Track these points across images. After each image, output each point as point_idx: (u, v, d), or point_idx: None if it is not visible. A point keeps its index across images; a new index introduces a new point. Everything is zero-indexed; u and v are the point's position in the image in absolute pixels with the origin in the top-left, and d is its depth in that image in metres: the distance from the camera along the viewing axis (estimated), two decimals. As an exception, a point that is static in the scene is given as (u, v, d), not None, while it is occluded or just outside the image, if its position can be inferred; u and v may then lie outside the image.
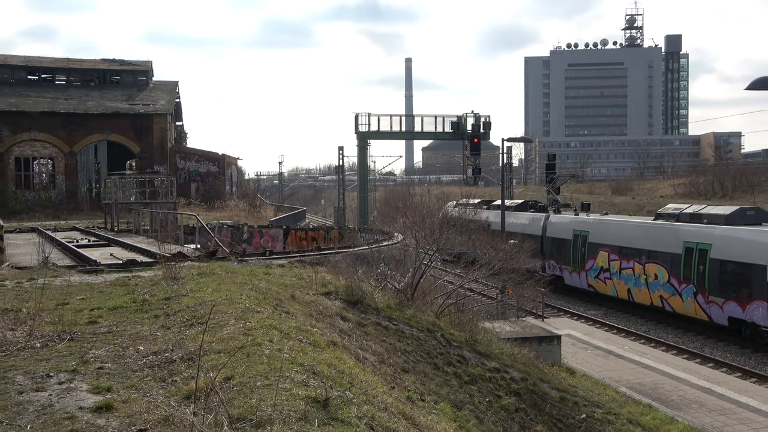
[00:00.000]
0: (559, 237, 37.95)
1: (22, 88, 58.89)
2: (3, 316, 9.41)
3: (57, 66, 63.32)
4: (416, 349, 13.37)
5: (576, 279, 35.87)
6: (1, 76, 59.42)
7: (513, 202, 47.68)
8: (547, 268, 37.44)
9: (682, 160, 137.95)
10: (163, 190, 38.52)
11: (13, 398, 6.03)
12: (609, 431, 13.31)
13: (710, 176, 75.45)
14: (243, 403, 5.34)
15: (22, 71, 61.16)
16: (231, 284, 12.23)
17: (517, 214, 43.39)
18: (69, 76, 62.67)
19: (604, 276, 33.40)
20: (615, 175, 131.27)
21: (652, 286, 29.60)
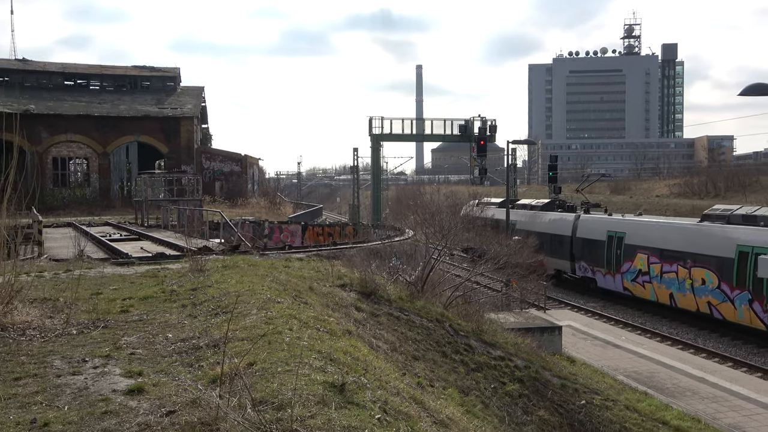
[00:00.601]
0: (591, 238, 34.31)
1: (59, 93, 59.25)
2: (42, 305, 9.46)
3: (91, 72, 63.69)
4: (426, 338, 13.36)
5: (610, 282, 32.35)
6: (40, 82, 59.82)
7: (539, 201, 44.52)
8: (578, 270, 35.21)
9: (677, 161, 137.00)
10: (190, 188, 38.64)
11: (52, 381, 6.07)
12: (607, 416, 13.24)
13: (704, 177, 74.92)
14: (265, 387, 5.35)
15: (60, 77, 61.55)
16: (253, 276, 12.23)
17: (543, 213, 40.31)
18: (102, 82, 63.00)
19: (642, 279, 30.15)
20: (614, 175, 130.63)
21: (699, 291, 26.29)
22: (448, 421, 7.11)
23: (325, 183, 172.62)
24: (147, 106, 58.88)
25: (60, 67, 63.59)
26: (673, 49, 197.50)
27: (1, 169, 9.13)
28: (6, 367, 6.55)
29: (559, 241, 36.32)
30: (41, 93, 57.66)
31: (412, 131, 58.10)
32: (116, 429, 4.81)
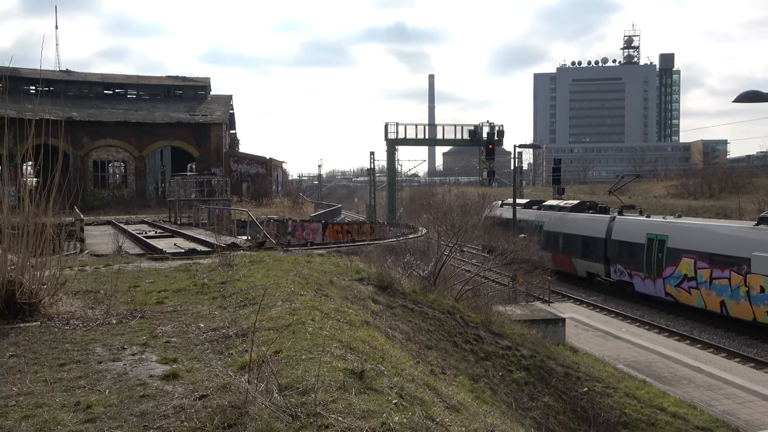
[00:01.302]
0: (628, 240, 30.64)
1: (99, 102, 59.72)
2: (84, 297, 9.53)
3: (129, 82, 64.13)
4: (438, 329, 13.34)
5: (650, 286, 28.73)
6: (82, 91, 60.33)
7: (568, 202, 40.47)
8: (613, 273, 31.61)
9: (674, 164, 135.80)
10: (219, 189, 38.78)
11: (94, 367, 6.12)
12: (608, 403, 13.16)
13: (699, 179, 74.15)
14: (290, 373, 5.35)
15: (99, 87, 62.04)
16: (278, 271, 12.26)
17: (573, 215, 36.63)
18: (139, 91, 63.42)
19: (688, 285, 26.61)
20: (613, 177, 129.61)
21: (757, 300, 22.97)
22: (459, 406, 7.09)
23: (343, 184, 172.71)
24: (180, 113, 59.18)
25: (100, 77, 64.08)
26: (670, 59, 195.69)
27: (48, 171, 9.20)
28: (52, 353, 6.61)
29: (592, 243, 33.17)
30: (83, 101, 58.15)
31: (424, 136, 58.30)
32: (153, 411, 4.84)
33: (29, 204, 8.61)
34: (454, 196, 57.26)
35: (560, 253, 36.34)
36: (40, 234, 8.52)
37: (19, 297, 7.90)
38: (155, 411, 4.84)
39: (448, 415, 5.92)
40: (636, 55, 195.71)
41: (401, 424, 4.42)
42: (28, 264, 8.14)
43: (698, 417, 13.64)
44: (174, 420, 4.64)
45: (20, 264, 8.05)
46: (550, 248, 36.56)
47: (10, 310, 7.82)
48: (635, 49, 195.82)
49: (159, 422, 4.62)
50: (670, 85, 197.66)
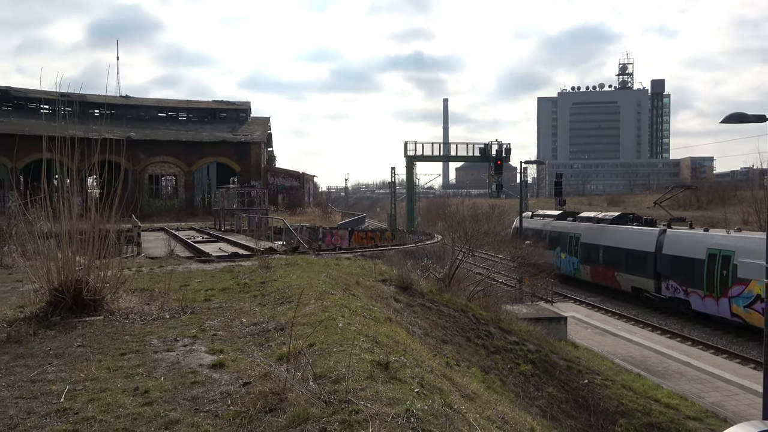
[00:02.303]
0: (684, 255, 25.92)
1: (154, 123, 60.48)
2: (141, 294, 9.61)
3: (180, 106, 64.88)
4: (453, 325, 13.24)
5: (712, 306, 23.97)
6: (139, 114, 61.15)
7: (607, 214, 36.01)
8: (664, 289, 26.94)
9: (664, 179, 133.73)
10: (258, 200, 39.00)
11: (150, 356, 6.16)
12: (607, 394, 12.94)
13: (688, 192, 73.00)
14: (323, 364, 5.33)
15: (154, 110, 62.83)
16: (311, 272, 12.26)
17: (615, 227, 31.96)
18: (188, 114, 64.10)
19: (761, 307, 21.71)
20: (610, 191, 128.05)
21: None
22: (473, 395, 7.02)
23: (367, 195, 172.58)
24: (224, 133, 59.70)
25: (155, 102, 64.93)
26: (660, 84, 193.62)
27: (110, 184, 9.31)
28: (114, 344, 6.67)
29: (639, 257, 28.62)
30: (140, 123, 58.93)
31: (439, 153, 58.71)
32: (203, 396, 4.85)
33: (95, 212, 8.71)
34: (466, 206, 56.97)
35: (600, 266, 32.02)
36: (103, 239, 8.60)
37: (85, 294, 7.98)
38: (204, 396, 4.85)
39: (464, 403, 5.86)
40: (630, 81, 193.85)
41: (423, 411, 4.38)
42: (93, 265, 8.22)
43: (689, 408, 13.37)
44: (221, 404, 4.65)
45: (86, 265, 8.14)
46: (589, 261, 32.99)
47: (77, 305, 7.90)
48: (629, 76, 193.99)
49: (208, 406, 4.63)
50: (660, 107, 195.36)
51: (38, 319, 7.61)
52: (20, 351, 6.36)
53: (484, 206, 54.89)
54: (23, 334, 7.00)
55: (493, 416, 6.28)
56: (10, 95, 56.11)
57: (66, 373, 5.57)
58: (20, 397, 4.97)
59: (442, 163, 76.71)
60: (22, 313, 7.92)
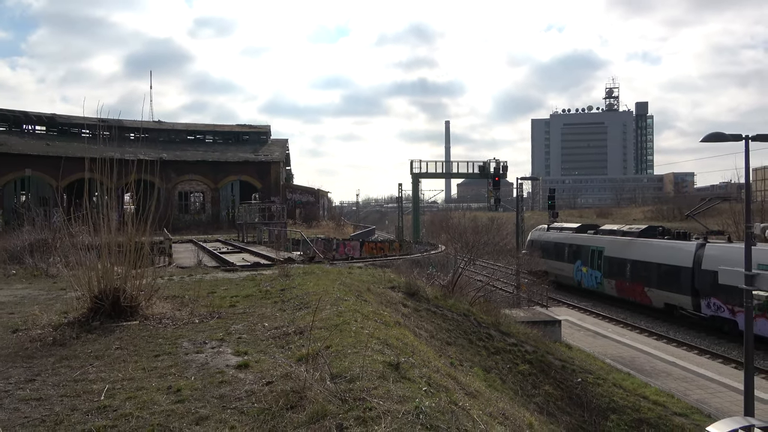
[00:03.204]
0: None
1: (183, 145, 60.94)
2: (173, 300, 9.62)
3: (206, 129, 65.35)
4: (456, 328, 13.16)
5: (763, 327, 20.26)
6: (170, 137, 61.64)
7: (633, 227, 32.17)
8: (705, 307, 23.40)
9: (649, 193, 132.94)
10: (277, 214, 39.14)
11: (182, 358, 6.17)
12: (599, 391, 12.80)
13: (671, 205, 72.62)
14: (339, 364, 5.32)
15: (183, 134, 63.32)
16: (326, 280, 12.24)
17: (644, 241, 28.12)
18: (214, 136, 64.54)
19: None
20: (598, 204, 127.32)
21: None
22: (476, 393, 6.97)
23: (376, 209, 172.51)
24: (246, 154, 60.06)
25: (184, 126, 65.46)
26: (644, 106, 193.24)
27: (144, 201, 9.37)
28: (148, 346, 6.68)
29: (674, 272, 25.11)
30: (171, 145, 59.40)
31: (442, 170, 59.05)
32: (230, 394, 4.85)
33: (131, 226, 8.76)
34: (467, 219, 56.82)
35: (627, 281, 28.39)
36: (138, 250, 8.65)
37: (122, 301, 8.01)
38: (231, 394, 4.86)
39: (468, 400, 5.82)
40: (616, 104, 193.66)
41: (431, 408, 4.36)
42: (129, 274, 8.26)
43: (676, 404, 13.19)
44: (246, 402, 4.65)
45: (124, 275, 8.18)
46: (614, 275, 29.44)
47: (115, 311, 7.93)
48: (615, 99, 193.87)
49: (235, 403, 4.63)
50: (644, 127, 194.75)
51: (80, 323, 7.65)
52: (64, 353, 6.39)
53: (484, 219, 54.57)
54: (67, 337, 7.04)
55: (494, 412, 6.23)
56: (55, 121, 56.82)
57: (105, 373, 5.59)
58: (65, 395, 4.99)
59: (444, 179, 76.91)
60: (66, 318, 7.96)
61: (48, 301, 10.23)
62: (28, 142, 51.93)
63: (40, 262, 15.76)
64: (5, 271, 15.27)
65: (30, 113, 56.53)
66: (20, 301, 10.52)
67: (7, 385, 5.32)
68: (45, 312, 8.31)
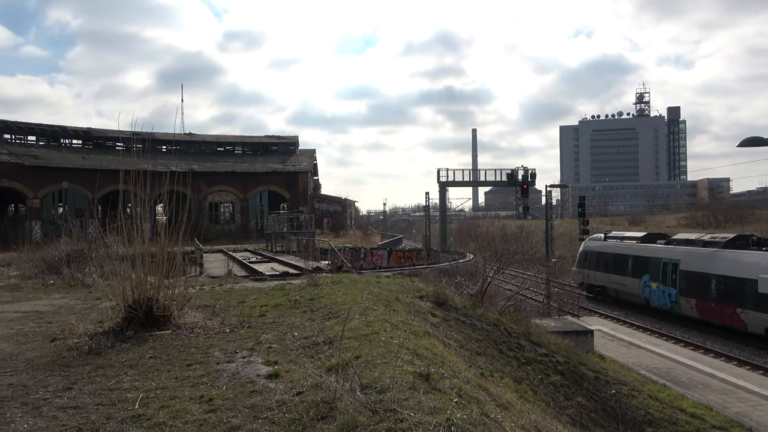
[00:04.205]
0: None
1: (213, 156, 62.04)
2: (204, 310, 9.71)
3: (236, 141, 66.41)
4: (485, 338, 12.99)
5: None
6: (201, 149, 62.84)
7: (715, 236, 27.87)
8: None
9: (682, 199, 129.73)
10: (305, 224, 39.42)
11: (213, 367, 6.21)
12: (634, 404, 12.47)
13: (706, 211, 70.69)
14: (369, 375, 5.27)
15: (214, 145, 64.49)
16: (354, 290, 12.21)
17: (736, 253, 23.87)
18: (243, 148, 65.56)
19: None
20: (630, 211, 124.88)
21: None
22: (507, 405, 6.84)
23: (403, 218, 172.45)
24: (275, 165, 60.81)
25: (214, 138, 66.66)
26: (676, 111, 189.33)
27: (176, 211, 9.52)
28: (181, 356, 6.75)
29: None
30: (201, 157, 60.53)
31: (470, 179, 58.82)
32: (261, 404, 4.86)
33: (164, 237, 8.90)
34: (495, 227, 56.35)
35: (712, 301, 24.57)
36: (171, 260, 8.76)
37: (156, 310, 8.12)
38: (262, 404, 4.87)
39: (500, 412, 5.72)
40: (647, 109, 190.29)
41: (462, 420, 4.29)
42: (162, 284, 8.38)
43: (715, 417, 12.75)
44: (277, 412, 4.65)
45: (157, 284, 8.30)
46: (694, 293, 25.73)
47: (148, 320, 8.05)
48: (646, 104, 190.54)
49: (266, 413, 4.64)
50: (677, 132, 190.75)
51: (115, 333, 7.79)
52: (100, 362, 6.51)
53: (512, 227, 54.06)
54: (102, 346, 7.17)
55: (527, 425, 6.11)
56: (91, 135, 58.52)
57: (139, 382, 5.68)
58: (100, 404, 5.08)
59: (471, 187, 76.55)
60: (101, 327, 8.11)
61: (84, 310, 10.46)
62: (65, 156, 53.58)
63: (77, 272, 16.15)
64: (44, 281, 15.70)
65: (67, 128, 58.36)
66: (58, 310, 10.79)
67: (45, 393, 5.44)
68: (81, 321, 8.48)
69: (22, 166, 47.76)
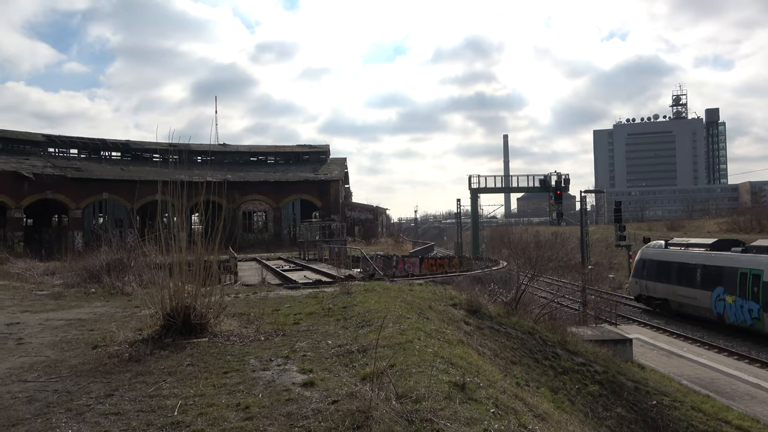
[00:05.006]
0: None
1: (246, 166, 63.06)
2: (239, 318, 9.81)
3: (268, 151, 67.38)
4: (520, 347, 12.78)
5: None
6: (234, 159, 63.96)
7: None
8: None
9: (723, 204, 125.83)
10: (337, 232, 39.58)
11: (249, 375, 6.25)
12: (676, 415, 12.07)
13: (749, 215, 68.19)
14: (404, 384, 5.24)
15: (247, 155, 65.55)
16: (387, 298, 12.18)
17: None
18: (276, 157, 66.43)
19: None
20: (668, 216, 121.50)
21: None
22: (545, 415, 6.71)
23: (434, 225, 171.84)
24: (306, 174, 61.41)
25: (247, 148, 67.78)
26: (715, 113, 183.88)
27: (211, 221, 9.65)
28: (217, 363, 6.83)
29: None
30: (235, 166, 61.59)
31: (501, 185, 58.33)
32: (297, 413, 4.87)
33: (200, 246, 9.03)
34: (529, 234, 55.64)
35: None
36: (207, 269, 8.88)
37: (193, 318, 8.23)
38: (298, 412, 4.87)
39: (537, 423, 5.61)
40: (684, 111, 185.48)
41: (500, 431, 4.22)
42: (199, 292, 8.50)
43: (762, 430, 12.25)
44: (313, 420, 4.65)
45: (194, 293, 8.43)
46: None
47: (186, 328, 8.17)
48: (683, 106, 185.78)
49: (302, 422, 4.64)
50: (716, 135, 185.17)
51: (154, 340, 7.93)
52: (139, 369, 6.64)
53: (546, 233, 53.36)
54: (142, 353, 7.31)
55: (565, 436, 5.98)
56: (129, 147, 60.26)
57: (178, 389, 5.76)
58: (141, 410, 5.18)
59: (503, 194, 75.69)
60: (140, 335, 8.28)
61: (124, 318, 10.71)
62: (105, 168, 55.25)
63: (116, 281, 16.57)
64: (86, 290, 16.16)
65: (107, 140, 60.23)
66: (99, 318, 11.07)
67: (88, 400, 5.57)
68: (121, 329, 8.67)
69: (65, 179, 49.44)
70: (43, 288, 17.28)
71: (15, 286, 18.14)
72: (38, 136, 56.16)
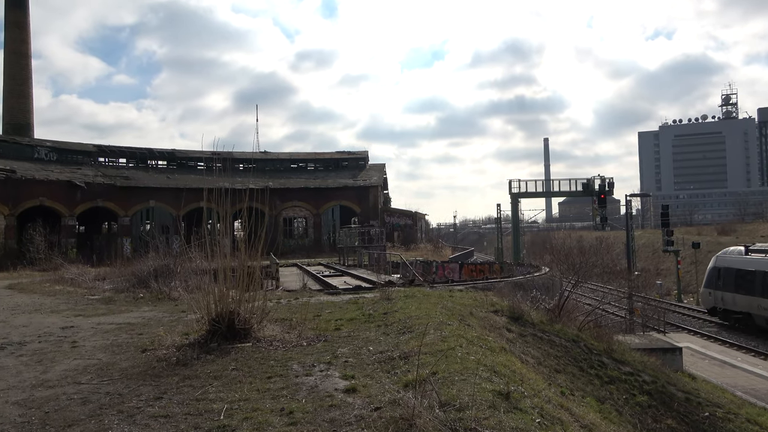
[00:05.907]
0: None
1: (287, 173, 63.99)
2: (281, 323, 9.90)
3: (308, 158, 68.25)
4: (564, 355, 12.49)
5: None
6: (275, 166, 65.00)
7: None
8: None
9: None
10: (376, 238, 39.66)
11: (292, 380, 6.30)
12: (730, 428, 11.54)
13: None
14: (447, 392, 5.18)
15: (287, 162, 66.52)
16: (427, 304, 12.10)
17: None
18: (315, 164, 67.20)
19: None
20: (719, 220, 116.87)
21: None
22: (591, 426, 6.54)
23: (474, 231, 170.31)
24: (345, 180, 61.88)
25: (288, 155, 68.84)
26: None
27: (254, 227, 9.81)
28: (261, 368, 6.91)
29: None
30: (276, 174, 62.59)
31: (542, 189, 57.42)
32: (340, 419, 4.88)
33: (243, 252, 9.19)
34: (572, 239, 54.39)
35: None
36: (250, 275, 9.01)
37: (237, 323, 8.37)
38: (341, 418, 4.88)
39: (584, 434, 5.46)
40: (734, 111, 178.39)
41: (546, 442, 4.13)
42: (243, 298, 8.64)
43: (826, 446, 11.58)
44: (356, 427, 4.65)
45: (238, 298, 8.58)
46: None
47: (230, 333, 8.31)
48: (733, 106, 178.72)
49: (345, 428, 4.65)
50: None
51: (200, 344, 8.10)
52: (187, 373, 6.80)
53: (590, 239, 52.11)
54: (188, 357, 7.48)
55: (614, 448, 5.80)
56: (175, 156, 62.09)
57: (224, 393, 5.86)
58: (188, 414, 5.29)
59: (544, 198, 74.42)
60: (187, 339, 8.48)
61: (171, 322, 10.99)
62: (152, 176, 57.07)
63: (163, 286, 17.03)
64: (134, 295, 16.68)
65: (153, 150, 62.24)
66: (147, 322, 11.41)
67: (138, 402, 5.74)
68: (169, 333, 8.90)
69: (114, 187, 51.31)
70: (94, 293, 17.94)
71: (69, 290, 18.91)
72: (89, 146, 58.54)
